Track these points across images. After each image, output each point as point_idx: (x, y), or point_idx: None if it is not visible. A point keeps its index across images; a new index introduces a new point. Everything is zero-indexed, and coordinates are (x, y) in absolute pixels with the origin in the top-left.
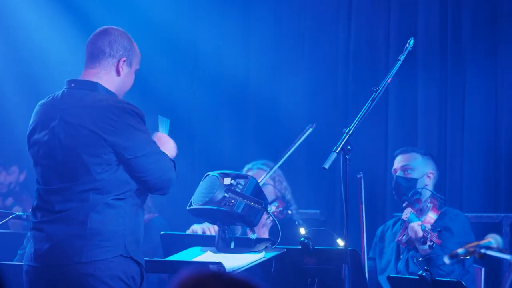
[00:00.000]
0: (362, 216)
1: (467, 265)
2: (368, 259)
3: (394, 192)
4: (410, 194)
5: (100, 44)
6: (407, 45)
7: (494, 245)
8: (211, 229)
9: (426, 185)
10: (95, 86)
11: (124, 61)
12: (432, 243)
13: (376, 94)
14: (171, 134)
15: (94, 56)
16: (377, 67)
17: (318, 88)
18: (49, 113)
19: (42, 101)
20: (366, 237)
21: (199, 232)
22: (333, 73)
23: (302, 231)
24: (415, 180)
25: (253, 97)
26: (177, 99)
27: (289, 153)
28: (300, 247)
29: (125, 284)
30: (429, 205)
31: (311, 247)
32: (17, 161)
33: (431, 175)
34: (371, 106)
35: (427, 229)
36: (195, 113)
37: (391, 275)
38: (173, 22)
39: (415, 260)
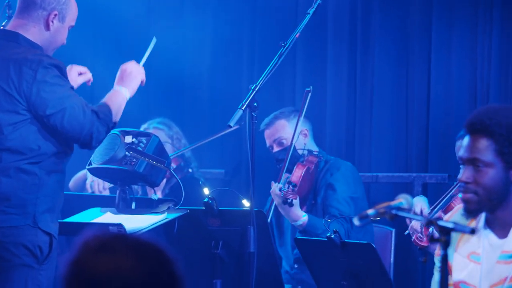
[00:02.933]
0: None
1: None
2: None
3: (278, 167)
4: (293, 163)
5: None
6: None
7: (405, 206)
8: (98, 185)
9: (305, 144)
10: (16, 36)
11: (55, 15)
12: (290, 200)
13: (284, 49)
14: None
15: (24, 6)
16: (286, 21)
17: (223, 43)
18: None
19: None
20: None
21: (88, 187)
22: (239, 28)
23: (206, 191)
24: (292, 145)
25: (155, 54)
26: (78, 54)
27: (197, 144)
28: (203, 208)
29: (30, 252)
30: (295, 167)
31: (215, 208)
32: None
33: (306, 132)
34: (279, 62)
35: (283, 188)
36: (94, 69)
37: (297, 236)
38: None
39: (323, 222)
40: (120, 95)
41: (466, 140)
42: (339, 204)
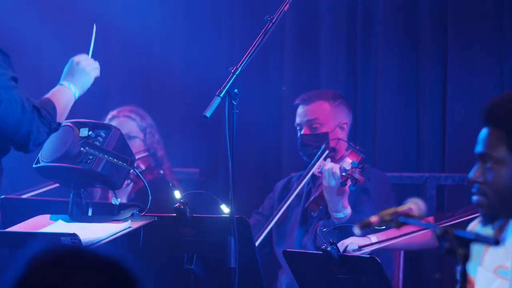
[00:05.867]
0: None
1: None
2: (256, 213)
3: (301, 153)
4: (325, 151)
5: None
6: None
7: (415, 212)
8: None
9: (339, 138)
10: None
11: None
12: (354, 181)
13: (271, 24)
14: None
15: None
16: None
17: (197, 18)
18: None
19: None
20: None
21: None
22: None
23: (178, 194)
24: (326, 134)
25: (120, 38)
26: (23, 36)
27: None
28: (174, 214)
29: None
30: (346, 153)
31: (188, 214)
32: None
33: (345, 126)
34: (264, 40)
35: (346, 168)
36: (45, 53)
37: (288, 250)
38: None
39: (318, 231)
40: (67, 92)
41: (481, 132)
42: (371, 213)
